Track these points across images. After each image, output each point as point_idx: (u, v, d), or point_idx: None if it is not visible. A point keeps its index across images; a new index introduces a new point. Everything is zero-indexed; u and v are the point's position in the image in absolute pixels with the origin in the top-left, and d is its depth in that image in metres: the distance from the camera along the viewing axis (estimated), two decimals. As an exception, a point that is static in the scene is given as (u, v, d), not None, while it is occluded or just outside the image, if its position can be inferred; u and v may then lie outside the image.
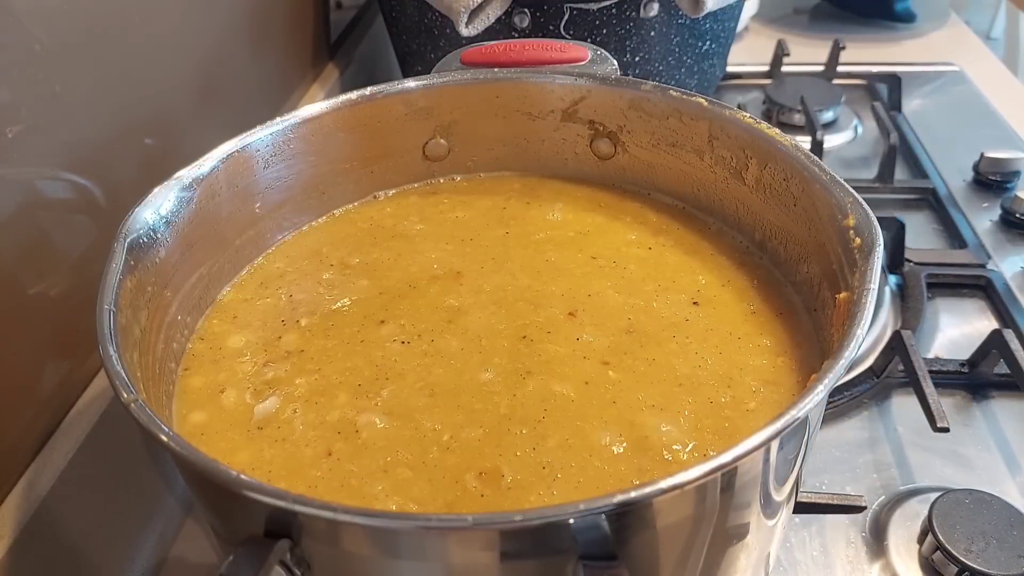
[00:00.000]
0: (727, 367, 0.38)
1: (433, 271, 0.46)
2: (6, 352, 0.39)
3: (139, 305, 0.36)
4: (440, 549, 0.28)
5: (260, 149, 0.45)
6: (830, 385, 0.29)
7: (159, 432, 0.28)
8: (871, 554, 0.47)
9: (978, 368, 0.56)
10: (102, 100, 0.45)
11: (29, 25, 0.39)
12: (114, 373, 0.30)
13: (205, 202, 0.42)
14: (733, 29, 0.79)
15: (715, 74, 0.80)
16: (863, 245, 0.35)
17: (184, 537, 0.50)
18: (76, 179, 0.44)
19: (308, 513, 0.25)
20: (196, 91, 0.56)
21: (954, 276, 0.66)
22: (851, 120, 0.89)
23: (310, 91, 0.76)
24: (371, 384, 0.38)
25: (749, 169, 0.44)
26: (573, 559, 0.26)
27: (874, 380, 0.57)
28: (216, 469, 0.26)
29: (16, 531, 0.38)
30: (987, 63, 1.01)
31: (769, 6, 1.13)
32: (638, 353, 0.39)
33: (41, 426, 0.42)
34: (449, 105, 0.50)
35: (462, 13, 0.63)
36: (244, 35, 0.63)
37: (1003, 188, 0.75)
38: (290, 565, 0.27)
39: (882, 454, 0.53)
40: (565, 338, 0.40)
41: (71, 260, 0.43)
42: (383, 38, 0.84)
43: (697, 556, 0.30)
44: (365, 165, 0.50)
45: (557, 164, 0.52)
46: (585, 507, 0.25)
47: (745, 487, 0.29)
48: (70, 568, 0.42)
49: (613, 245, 0.47)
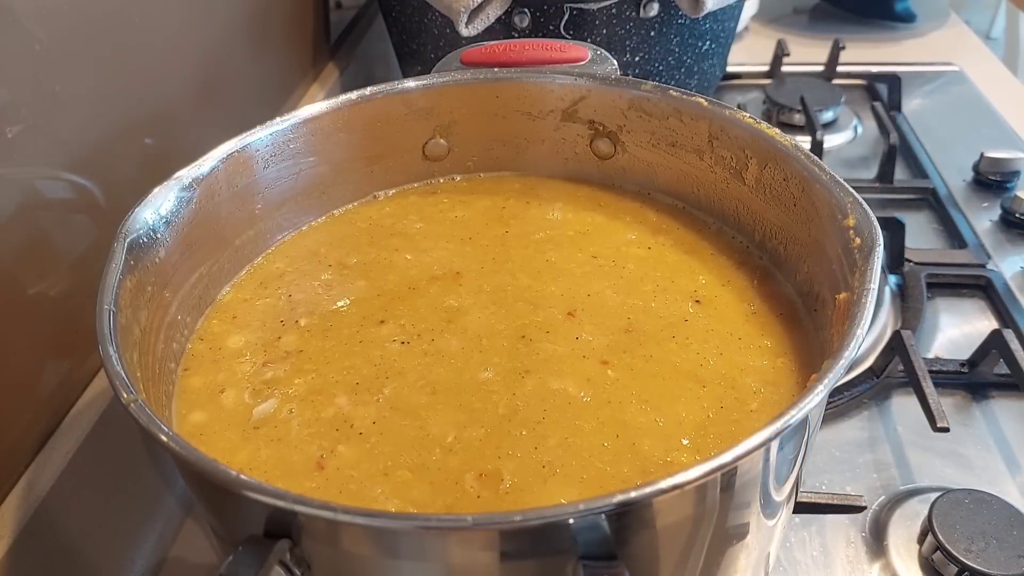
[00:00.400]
0: (727, 367, 0.38)
1: (433, 271, 0.46)
2: (6, 352, 0.39)
3: (139, 305, 0.36)
4: (440, 549, 0.28)
5: (260, 149, 0.45)
6: (830, 386, 0.29)
7: (159, 432, 0.28)
8: (871, 554, 0.47)
9: (978, 368, 0.56)
10: (102, 100, 0.45)
11: (29, 25, 0.39)
12: (114, 373, 0.30)
13: (205, 202, 0.42)
14: (733, 29, 0.79)
15: (715, 74, 0.80)
16: (863, 245, 0.35)
17: (184, 537, 0.50)
18: (76, 179, 0.44)
19: (308, 513, 0.25)
20: (196, 91, 0.56)
21: (954, 276, 0.66)
22: (851, 120, 0.89)
23: (310, 91, 0.76)
24: (371, 383, 0.38)
25: (749, 169, 0.44)
26: (573, 559, 0.26)
27: (874, 380, 0.57)
28: (216, 469, 0.26)
29: (16, 531, 0.38)
30: (987, 63, 1.01)
31: (769, 6, 1.13)
32: (637, 352, 0.39)
33: (41, 426, 0.42)
34: (449, 105, 0.50)
35: (462, 13, 0.64)
36: (244, 35, 0.63)
37: (1003, 188, 0.75)
38: (290, 565, 0.27)
39: (882, 454, 0.53)
40: (564, 338, 0.40)
41: (71, 260, 0.43)
42: (383, 38, 0.84)
43: (697, 556, 0.30)
44: (365, 165, 0.50)
45: (557, 164, 0.52)
46: (585, 507, 0.25)
47: (745, 487, 0.29)
48: (70, 568, 0.42)
49: (613, 245, 0.47)
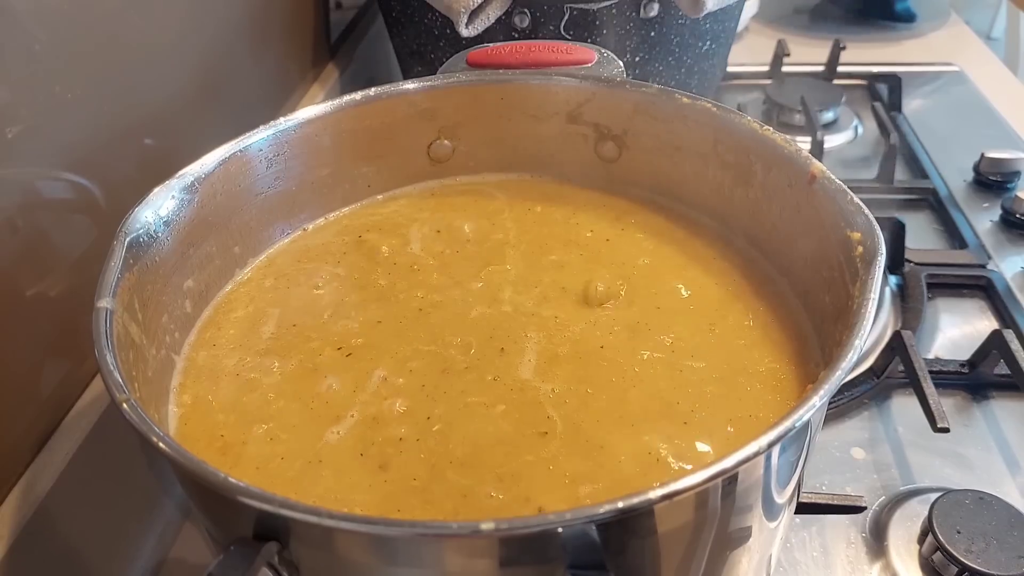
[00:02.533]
0: (728, 372, 0.38)
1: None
2: (6, 352, 0.39)
3: (137, 305, 0.36)
4: (427, 555, 0.27)
5: (261, 149, 0.45)
6: (827, 394, 0.29)
7: (149, 432, 0.28)
8: (871, 554, 0.47)
9: (978, 368, 0.56)
10: (102, 100, 0.45)
11: (29, 25, 0.39)
12: (107, 372, 0.30)
13: (205, 202, 0.42)
14: (733, 29, 0.79)
15: (715, 74, 0.80)
16: (865, 254, 0.34)
17: (184, 538, 0.49)
18: (76, 179, 0.44)
19: (294, 517, 0.25)
20: (196, 91, 0.56)
21: (954, 276, 0.66)
22: (851, 120, 0.89)
23: (310, 91, 0.76)
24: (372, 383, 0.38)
25: (753, 174, 0.44)
26: (561, 568, 0.26)
27: (874, 380, 0.57)
28: (204, 470, 0.26)
29: (16, 531, 0.38)
30: (987, 63, 1.01)
31: (769, 6, 1.13)
32: (638, 354, 0.39)
33: (41, 426, 0.41)
34: (453, 106, 0.50)
35: (462, 13, 0.63)
36: (244, 35, 0.63)
37: (1003, 188, 0.75)
38: (278, 568, 0.27)
39: (882, 454, 0.53)
40: (566, 338, 0.40)
41: (71, 260, 0.43)
42: (383, 38, 0.84)
43: (699, 560, 0.30)
44: (367, 166, 0.50)
45: (561, 166, 0.52)
46: (572, 516, 0.24)
47: (747, 491, 0.29)
48: (70, 568, 0.42)
49: (616, 247, 0.47)
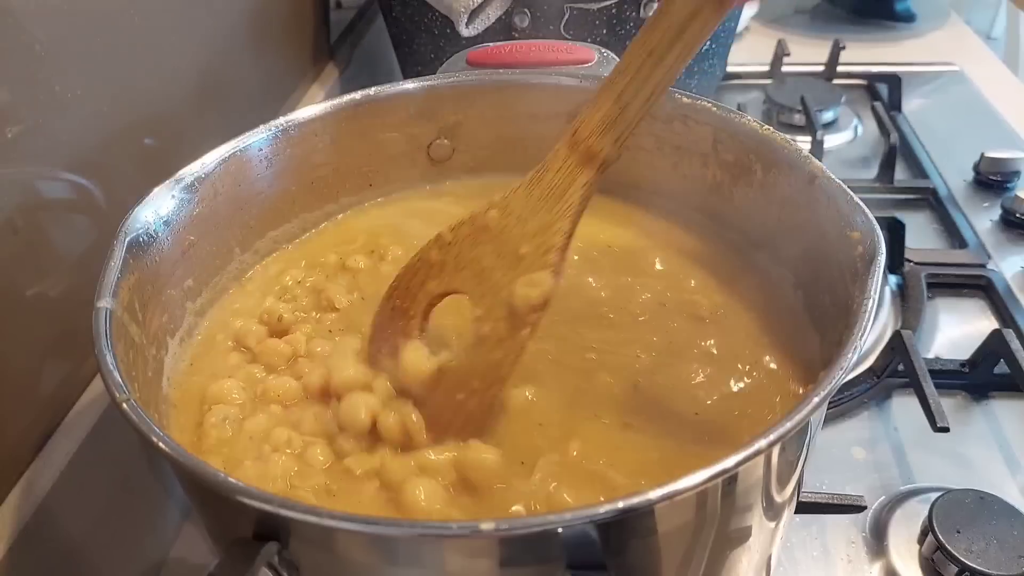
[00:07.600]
0: (730, 370, 0.38)
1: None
2: (6, 352, 0.39)
3: (137, 305, 0.36)
4: (427, 554, 0.27)
5: (261, 149, 0.45)
6: (828, 394, 0.29)
7: (148, 432, 0.28)
8: (871, 554, 0.47)
9: (978, 368, 0.56)
10: (102, 100, 0.45)
11: (29, 25, 0.39)
12: (107, 372, 0.30)
13: (205, 202, 0.42)
14: (733, 29, 0.79)
15: (715, 74, 0.80)
16: (865, 254, 0.34)
17: (184, 538, 0.49)
18: (76, 179, 0.43)
19: (294, 517, 0.25)
20: (196, 91, 0.56)
21: (954, 276, 0.66)
22: (851, 120, 0.89)
23: (310, 91, 0.76)
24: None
25: (753, 173, 0.44)
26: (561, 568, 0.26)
27: (874, 380, 0.56)
28: (204, 470, 0.26)
29: (16, 531, 0.38)
30: (987, 63, 1.01)
31: (769, 6, 1.13)
32: (638, 353, 0.39)
33: (41, 426, 0.41)
34: (453, 106, 0.50)
35: (462, 13, 0.63)
36: (244, 35, 0.63)
37: (1003, 188, 0.75)
38: (278, 567, 0.27)
39: (882, 454, 0.53)
40: (564, 339, 0.40)
41: (71, 260, 0.43)
42: (383, 38, 0.84)
43: (699, 559, 0.30)
44: (367, 166, 0.50)
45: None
46: (572, 516, 0.24)
47: (747, 491, 0.29)
48: (70, 568, 0.42)
49: (616, 247, 0.47)
